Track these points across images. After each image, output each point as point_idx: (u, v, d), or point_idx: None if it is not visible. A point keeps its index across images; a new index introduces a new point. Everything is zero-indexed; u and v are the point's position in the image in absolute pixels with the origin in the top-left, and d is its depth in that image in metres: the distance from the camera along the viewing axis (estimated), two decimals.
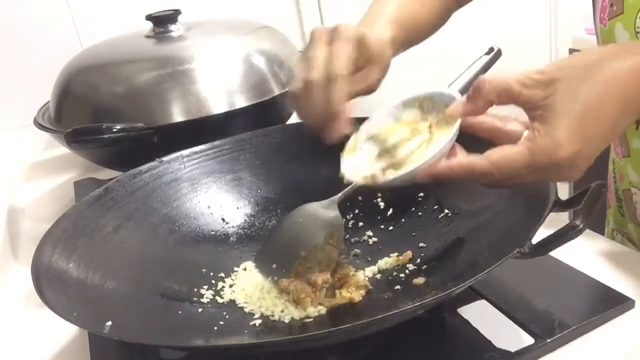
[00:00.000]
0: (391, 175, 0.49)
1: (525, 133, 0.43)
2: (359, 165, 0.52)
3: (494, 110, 0.47)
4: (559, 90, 0.41)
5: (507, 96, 0.43)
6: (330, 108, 0.50)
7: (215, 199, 0.67)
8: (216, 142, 0.69)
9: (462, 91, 0.54)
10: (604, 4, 0.63)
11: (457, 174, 0.45)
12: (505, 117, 0.47)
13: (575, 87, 0.41)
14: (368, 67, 0.56)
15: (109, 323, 0.44)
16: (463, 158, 0.46)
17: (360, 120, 0.55)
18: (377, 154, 0.53)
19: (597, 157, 0.43)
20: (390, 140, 0.53)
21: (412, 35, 0.65)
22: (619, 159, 0.70)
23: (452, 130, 0.46)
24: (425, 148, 0.49)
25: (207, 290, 0.56)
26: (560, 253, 0.51)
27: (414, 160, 0.48)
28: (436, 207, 0.61)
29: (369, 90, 0.57)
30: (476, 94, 0.45)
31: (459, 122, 0.46)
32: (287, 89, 0.84)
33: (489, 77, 0.44)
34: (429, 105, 0.51)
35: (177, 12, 0.89)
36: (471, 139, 0.47)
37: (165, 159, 0.66)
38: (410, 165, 0.47)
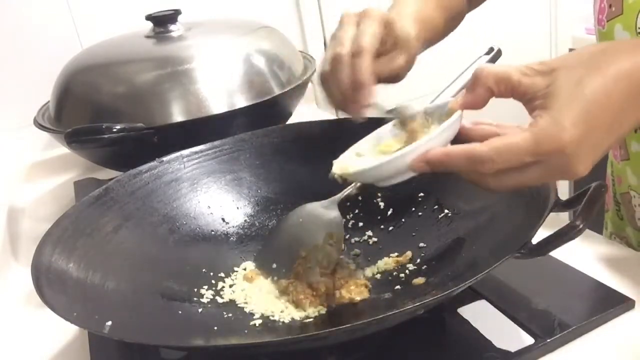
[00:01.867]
0: (373, 162, 0.46)
1: None
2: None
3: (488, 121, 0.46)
4: (560, 77, 0.40)
5: (505, 85, 0.42)
6: (356, 80, 0.51)
7: (215, 199, 0.67)
8: (216, 142, 0.69)
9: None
10: (602, 5, 0.63)
11: (454, 160, 0.42)
12: (507, 125, 0.45)
13: (578, 74, 0.40)
14: (394, 51, 0.56)
15: (109, 323, 0.44)
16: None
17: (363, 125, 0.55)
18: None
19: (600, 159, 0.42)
20: (387, 149, 0.51)
21: (432, 35, 0.65)
22: (618, 162, 0.69)
23: (450, 120, 0.44)
24: None
25: (207, 290, 0.56)
26: (560, 253, 0.51)
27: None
28: (436, 207, 0.61)
29: (395, 76, 0.57)
30: (475, 81, 0.44)
31: (458, 113, 0.45)
32: (287, 89, 0.85)
33: (488, 65, 0.43)
34: (430, 118, 0.50)
35: (177, 12, 0.89)
36: None
37: (165, 159, 0.66)
38: (396, 153, 0.44)
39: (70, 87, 0.85)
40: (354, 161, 0.51)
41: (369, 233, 0.63)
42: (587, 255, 0.59)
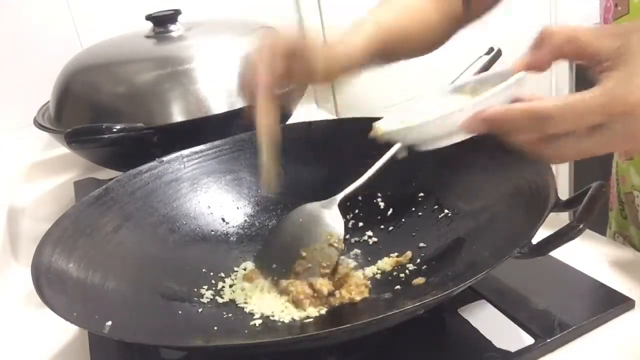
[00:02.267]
0: (421, 119, 0.42)
1: None
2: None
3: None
4: (634, 39, 0.38)
5: (575, 45, 0.40)
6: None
7: (215, 199, 0.67)
8: (216, 142, 0.69)
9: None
10: (608, 4, 0.63)
11: (515, 117, 0.39)
12: None
13: None
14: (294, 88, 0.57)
15: (109, 323, 0.44)
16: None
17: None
18: None
19: (602, 158, 0.41)
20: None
21: (398, 47, 0.63)
22: (622, 161, 0.69)
23: (511, 79, 0.41)
24: None
25: (207, 290, 0.56)
26: (560, 253, 0.51)
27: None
28: (436, 207, 0.61)
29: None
30: (542, 40, 0.41)
31: (520, 74, 0.41)
32: (287, 89, 0.84)
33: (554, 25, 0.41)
34: (482, 88, 0.46)
35: (177, 12, 0.89)
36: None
37: (165, 159, 0.66)
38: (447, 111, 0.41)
39: (70, 87, 0.85)
40: (398, 122, 0.46)
41: (369, 233, 0.63)
42: (587, 255, 0.59)
